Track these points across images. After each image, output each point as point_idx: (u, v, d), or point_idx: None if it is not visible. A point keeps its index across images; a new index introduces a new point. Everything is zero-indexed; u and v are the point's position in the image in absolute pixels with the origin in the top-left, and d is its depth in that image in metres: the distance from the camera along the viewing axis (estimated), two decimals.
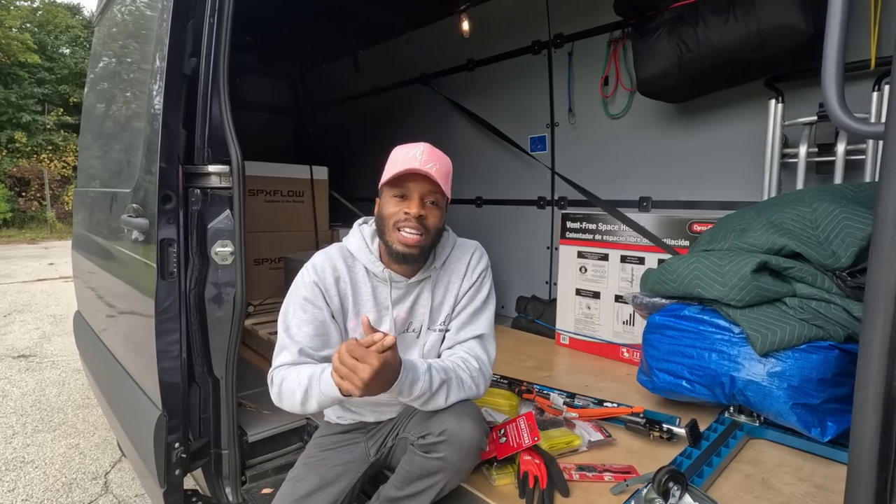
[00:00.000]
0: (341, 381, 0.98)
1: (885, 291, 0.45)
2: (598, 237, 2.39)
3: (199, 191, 1.40)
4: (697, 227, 2.06)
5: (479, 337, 1.29)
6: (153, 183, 1.36)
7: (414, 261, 1.22)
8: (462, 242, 1.35)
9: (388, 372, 0.99)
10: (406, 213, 1.16)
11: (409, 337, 1.30)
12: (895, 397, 0.45)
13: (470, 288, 1.31)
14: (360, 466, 1.31)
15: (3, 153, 14.55)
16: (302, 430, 1.75)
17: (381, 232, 1.22)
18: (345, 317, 1.26)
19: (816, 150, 1.86)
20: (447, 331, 1.31)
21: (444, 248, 1.30)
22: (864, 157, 1.74)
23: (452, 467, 1.13)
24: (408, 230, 1.16)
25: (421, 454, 1.14)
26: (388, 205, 1.19)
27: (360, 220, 1.34)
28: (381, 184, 1.22)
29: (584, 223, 2.44)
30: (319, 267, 1.23)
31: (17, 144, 14.73)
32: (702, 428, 1.51)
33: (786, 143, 1.94)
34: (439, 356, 1.31)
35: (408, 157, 1.16)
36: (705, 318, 1.60)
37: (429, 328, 1.30)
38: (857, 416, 0.48)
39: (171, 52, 1.36)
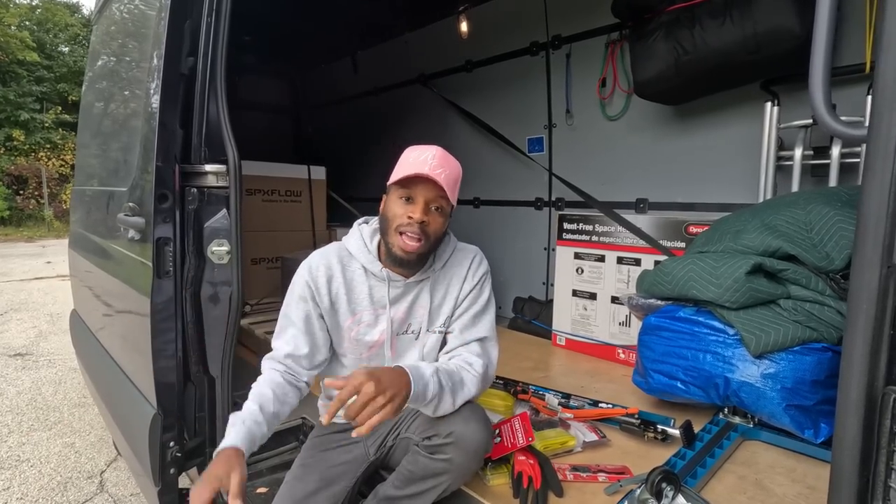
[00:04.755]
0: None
1: (866, 294, 0.46)
2: (594, 238, 2.40)
3: (195, 190, 1.40)
4: (693, 229, 2.07)
5: (482, 340, 1.29)
6: (150, 182, 1.36)
7: (410, 266, 1.22)
8: (463, 247, 1.36)
9: (390, 376, 1.01)
10: (410, 218, 1.16)
11: (407, 339, 1.30)
12: (876, 397, 0.46)
13: (471, 291, 1.31)
14: (359, 466, 1.31)
15: (1, 151, 14.52)
16: (297, 430, 1.75)
17: (383, 230, 1.22)
18: (336, 316, 1.26)
19: (811, 152, 1.87)
20: (447, 333, 1.31)
21: (444, 251, 1.30)
22: (858, 160, 1.75)
23: (458, 469, 1.13)
24: (409, 235, 1.16)
25: (426, 455, 1.14)
26: (394, 205, 1.19)
27: (360, 220, 1.35)
28: (389, 182, 1.22)
29: (580, 224, 2.45)
30: (314, 266, 1.25)
31: (15, 142, 14.69)
32: (696, 429, 1.52)
33: (781, 145, 1.95)
34: (437, 359, 1.32)
35: (419, 159, 1.16)
36: (700, 319, 1.61)
37: (428, 330, 1.30)
38: (840, 415, 0.48)
39: (168, 51, 1.36)
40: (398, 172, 1.17)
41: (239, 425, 1.07)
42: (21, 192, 14.42)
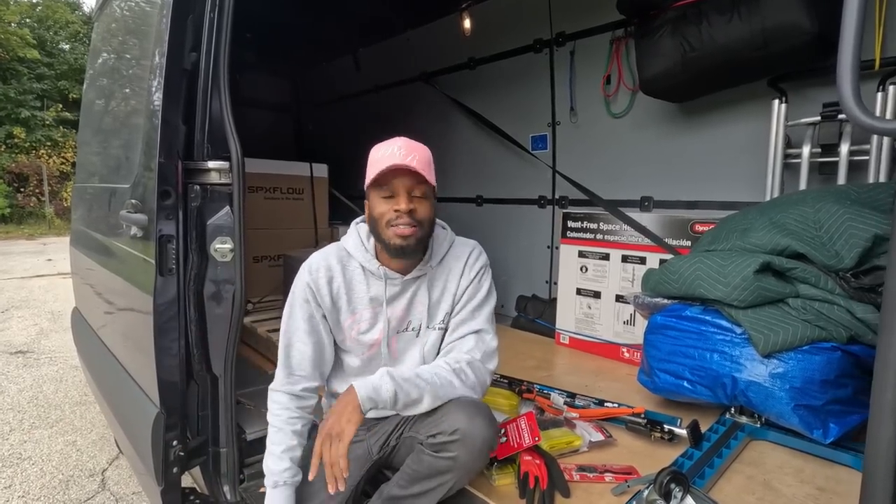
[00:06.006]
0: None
1: None
2: (599, 237, 2.39)
3: (198, 187, 1.39)
4: (699, 228, 2.05)
5: (476, 332, 1.28)
6: (152, 179, 1.34)
7: (413, 252, 1.22)
8: (460, 241, 1.35)
9: (334, 409, 1.09)
10: (396, 211, 1.16)
11: (407, 336, 1.30)
12: None
13: (469, 285, 1.30)
14: (363, 464, 1.30)
15: (2, 149, 14.52)
16: None
17: (375, 233, 1.22)
18: (338, 314, 1.27)
19: (820, 150, 1.85)
20: (447, 329, 1.30)
21: (440, 246, 1.30)
22: (867, 157, 1.73)
23: (463, 467, 1.12)
24: (401, 225, 1.16)
25: (430, 453, 1.13)
26: (377, 205, 1.20)
27: (357, 219, 1.35)
28: (366, 186, 1.23)
29: (585, 222, 2.44)
30: (314, 267, 1.25)
31: (15, 140, 14.70)
32: (703, 429, 1.50)
33: (789, 143, 1.94)
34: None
35: (386, 154, 1.17)
36: (707, 318, 1.60)
37: (428, 326, 1.30)
38: (875, 416, 0.47)
39: (170, 47, 1.34)
40: (371, 172, 1.18)
41: (283, 488, 1.20)
42: (22, 189, 14.42)
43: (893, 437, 0.44)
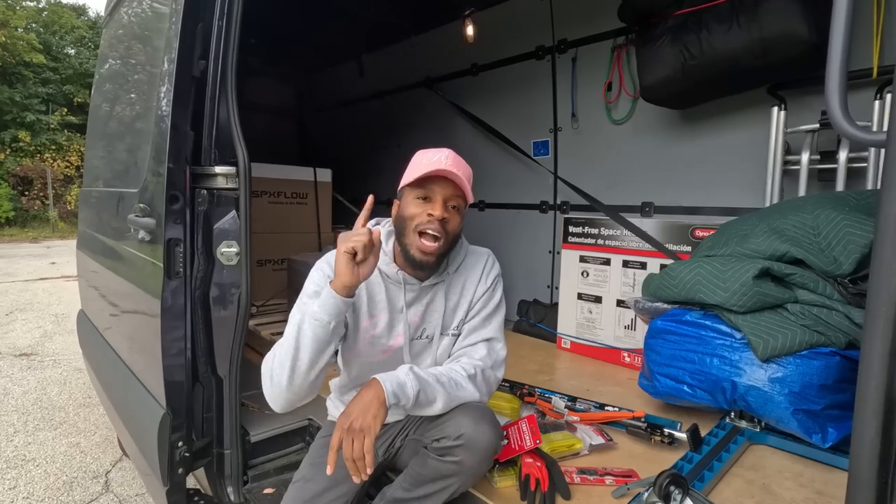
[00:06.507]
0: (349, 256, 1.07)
1: (886, 296, 0.47)
2: (600, 242, 2.40)
3: (205, 191, 1.41)
4: (700, 233, 2.07)
5: (487, 340, 1.29)
6: (161, 183, 1.37)
7: (430, 268, 1.22)
8: (475, 249, 1.36)
9: (356, 403, 1.06)
10: (430, 215, 1.16)
11: (421, 343, 1.29)
12: (895, 399, 0.46)
13: (485, 293, 1.31)
14: None
15: (7, 152, 14.62)
16: (304, 431, 1.75)
17: (399, 234, 1.22)
18: (357, 316, 1.25)
19: (818, 157, 1.87)
20: (459, 334, 1.31)
21: (457, 254, 1.30)
22: (865, 164, 1.75)
23: (467, 472, 1.13)
24: (428, 235, 1.16)
25: (435, 457, 1.14)
26: (411, 206, 1.19)
27: (373, 221, 1.33)
28: (402, 185, 1.23)
29: (586, 228, 2.45)
30: (334, 264, 1.21)
31: (20, 144, 14.80)
32: (703, 433, 1.51)
33: (788, 150, 1.96)
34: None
35: (433, 160, 1.17)
36: (707, 323, 1.61)
37: (441, 334, 1.29)
38: (859, 417, 0.49)
39: (180, 54, 1.37)
40: (413, 173, 1.17)
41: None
42: (26, 192, 14.51)
43: (876, 436, 0.46)
